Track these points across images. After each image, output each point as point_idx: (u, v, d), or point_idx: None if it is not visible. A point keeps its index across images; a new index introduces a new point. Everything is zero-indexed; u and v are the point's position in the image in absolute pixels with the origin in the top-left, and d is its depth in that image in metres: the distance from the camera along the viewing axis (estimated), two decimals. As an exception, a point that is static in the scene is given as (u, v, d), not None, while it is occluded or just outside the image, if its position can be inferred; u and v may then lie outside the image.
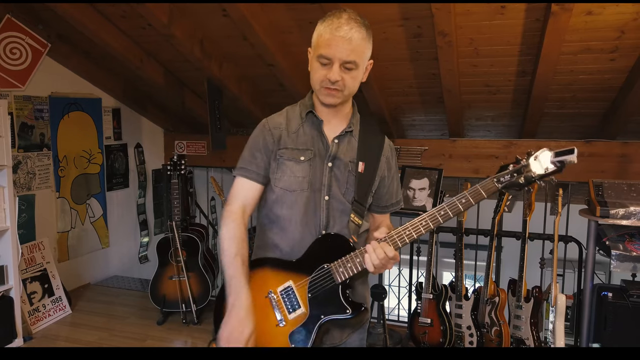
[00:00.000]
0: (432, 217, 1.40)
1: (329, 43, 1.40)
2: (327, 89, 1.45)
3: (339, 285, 1.43)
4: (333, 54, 1.40)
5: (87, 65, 4.17)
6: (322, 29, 1.43)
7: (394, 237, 1.41)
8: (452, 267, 3.29)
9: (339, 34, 1.39)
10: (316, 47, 1.45)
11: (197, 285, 3.78)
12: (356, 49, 1.40)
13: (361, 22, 1.43)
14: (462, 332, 3.12)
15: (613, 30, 2.74)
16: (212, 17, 3.19)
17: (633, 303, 2.85)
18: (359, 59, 1.43)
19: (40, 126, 3.96)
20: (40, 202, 3.98)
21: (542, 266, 3.25)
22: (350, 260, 1.42)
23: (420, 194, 3.31)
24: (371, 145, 1.56)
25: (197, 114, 4.56)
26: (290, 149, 1.50)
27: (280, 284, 1.46)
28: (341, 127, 1.55)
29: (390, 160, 1.61)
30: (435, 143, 4.22)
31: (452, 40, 2.88)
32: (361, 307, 1.44)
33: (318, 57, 1.43)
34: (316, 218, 1.48)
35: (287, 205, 1.49)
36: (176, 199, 3.71)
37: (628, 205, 2.83)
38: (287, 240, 1.50)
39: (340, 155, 1.51)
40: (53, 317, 3.74)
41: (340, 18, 1.41)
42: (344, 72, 1.42)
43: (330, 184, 1.50)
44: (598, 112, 3.55)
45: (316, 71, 1.46)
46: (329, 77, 1.42)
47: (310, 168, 1.49)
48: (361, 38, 1.41)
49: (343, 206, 1.50)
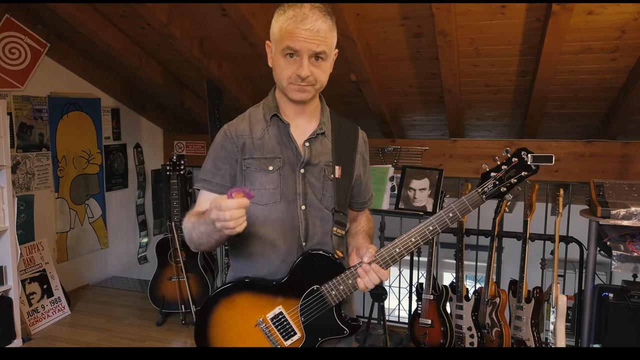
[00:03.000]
0: (421, 234, 1.34)
1: (295, 35, 1.29)
2: (297, 85, 1.33)
3: (333, 307, 1.36)
4: (301, 46, 1.29)
5: (86, 65, 4.16)
6: (285, 21, 1.31)
7: (385, 257, 1.33)
8: (452, 267, 3.28)
9: (305, 25, 1.28)
10: (279, 40, 1.32)
11: (196, 286, 3.77)
12: (325, 39, 1.31)
13: (325, 10, 1.33)
14: (463, 333, 3.11)
15: (614, 30, 2.73)
16: (211, 16, 3.19)
17: (634, 304, 2.84)
18: (328, 49, 1.33)
19: (39, 126, 3.95)
20: (39, 202, 3.97)
21: (543, 267, 3.24)
22: (342, 282, 1.33)
23: (421, 194, 3.30)
24: (346, 145, 1.47)
25: (197, 114, 4.55)
26: (256, 159, 1.38)
27: (269, 310, 1.36)
28: (311, 127, 1.43)
29: (365, 155, 1.54)
30: (435, 143, 4.21)
31: (453, 40, 2.88)
32: (358, 325, 1.39)
33: (283, 51, 1.31)
34: (294, 230, 1.38)
35: (260, 220, 1.38)
36: (175, 199, 3.70)
37: (629, 206, 2.82)
38: (267, 258, 1.39)
39: (314, 159, 1.40)
40: (52, 318, 3.73)
41: (304, 7, 1.30)
42: (314, 66, 1.32)
43: (305, 191, 1.39)
44: (599, 112, 3.55)
45: (283, 67, 1.34)
46: (298, 73, 1.31)
47: (281, 177, 1.38)
48: (328, 28, 1.32)
49: (322, 213, 1.41)
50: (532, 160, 1.32)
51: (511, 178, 1.34)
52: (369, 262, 1.31)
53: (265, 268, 1.39)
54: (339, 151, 1.44)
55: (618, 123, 3.48)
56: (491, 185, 1.34)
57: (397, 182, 3.39)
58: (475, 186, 1.37)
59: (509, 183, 1.34)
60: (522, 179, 1.34)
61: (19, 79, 3.69)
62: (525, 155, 1.33)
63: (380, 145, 4.27)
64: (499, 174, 1.34)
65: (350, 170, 1.45)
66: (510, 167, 1.34)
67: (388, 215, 3.37)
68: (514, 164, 1.34)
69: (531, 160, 1.33)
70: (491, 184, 1.34)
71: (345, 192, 1.44)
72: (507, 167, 1.34)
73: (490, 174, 1.35)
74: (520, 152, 1.34)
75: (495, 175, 1.34)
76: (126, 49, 3.66)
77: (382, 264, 1.32)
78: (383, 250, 1.33)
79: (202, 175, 1.42)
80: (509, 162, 1.34)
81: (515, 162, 1.34)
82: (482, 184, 1.35)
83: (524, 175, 1.34)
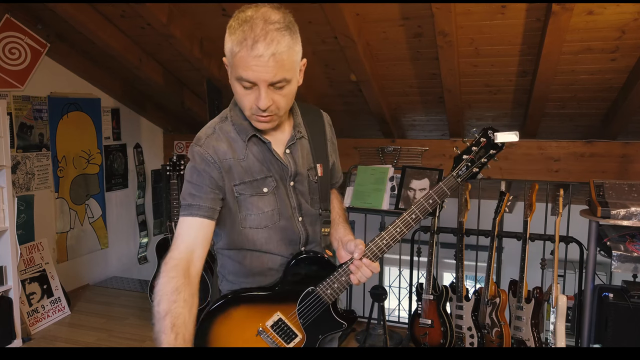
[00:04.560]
0: (405, 222, 1.34)
1: (248, 65, 1.13)
2: (259, 116, 1.22)
3: (330, 305, 1.37)
4: (256, 77, 1.14)
5: (86, 65, 4.16)
6: (235, 45, 1.14)
7: (374, 250, 1.33)
8: (452, 267, 3.28)
9: (257, 51, 1.11)
10: (232, 66, 1.18)
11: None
12: (283, 64, 1.15)
13: (281, 24, 1.14)
14: (463, 333, 3.11)
15: (614, 30, 2.73)
16: (211, 16, 3.19)
17: (634, 304, 2.84)
18: (289, 74, 1.18)
19: (39, 126, 3.95)
20: (39, 202, 3.97)
21: (543, 267, 3.24)
22: (336, 280, 1.34)
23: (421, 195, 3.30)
24: (319, 137, 1.42)
25: (197, 114, 4.55)
26: (248, 183, 1.30)
27: (268, 318, 1.35)
28: (286, 133, 1.35)
29: (333, 139, 1.50)
30: (435, 143, 4.21)
31: (453, 40, 2.88)
32: (354, 317, 1.41)
33: (238, 79, 1.18)
34: (296, 243, 1.37)
35: (259, 242, 1.34)
36: (175, 200, 3.70)
37: (629, 206, 2.82)
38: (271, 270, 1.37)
39: (300, 169, 1.35)
40: (52, 318, 3.73)
41: (254, 29, 1.12)
42: (275, 93, 1.18)
43: (299, 203, 1.37)
44: (599, 112, 3.55)
45: (240, 95, 1.21)
46: (258, 105, 1.18)
47: (276, 197, 1.33)
48: (286, 47, 1.14)
49: (314, 216, 1.41)
50: (499, 138, 1.36)
51: (481, 158, 1.37)
52: (359, 258, 1.32)
53: (267, 279, 1.39)
54: (317, 147, 1.41)
55: (618, 123, 3.48)
56: (465, 168, 1.38)
57: (397, 182, 3.39)
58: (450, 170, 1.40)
59: (480, 163, 1.38)
60: (491, 157, 1.38)
61: (19, 79, 3.69)
62: (492, 134, 1.36)
63: (380, 145, 4.27)
64: (470, 156, 1.37)
65: (327, 164, 1.44)
66: (480, 148, 1.37)
67: (388, 215, 3.37)
68: (483, 144, 1.37)
69: (498, 139, 1.36)
70: (464, 167, 1.38)
71: (327, 187, 1.45)
72: (477, 148, 1.37)
73: (462, 157, 1.38)
74: (487, 131, 1.37)
75: (467, 157, 1.37)
76: (126, 49, 3.66)
77: (372, 257, 1.34)
78: (371, 244, 1.34)
79: (188, 201, 1.27)
80: (477, 143, 1.38)
81: (484, 142, 1.37)
82: (456, 167, 1.38)
83: (492, 154, 1.37)
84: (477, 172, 1.38)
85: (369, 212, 3.53)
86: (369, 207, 3.40)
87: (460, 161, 1.38)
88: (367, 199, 3.42)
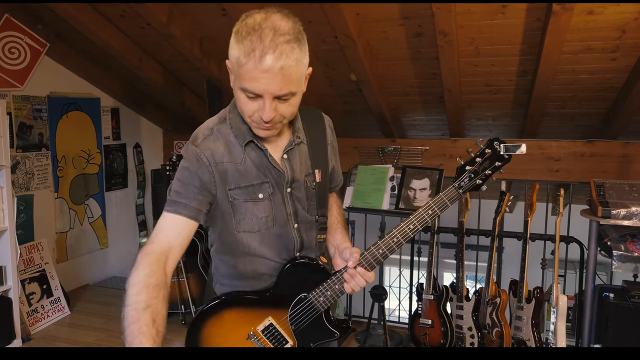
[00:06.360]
0: (402, 233, 1.32)
1: (254, 77, 1.11)
2: (261, 125, 1.20)
3: (322, 313, 1.35)
4: (262, 90, 1.12)
5: (86, 65, 4.15)
6: (242, 55, 1.11)
7: (370, 259, 1.31)
8: (453, 267, 3.28)
9: (265, 64, 1.09)
10: (238, 76, 1.15)
11: (196, 286, 3.76)
12: (291, 78, 1.12)
13: (291, 35, 1.11)
14: (463, 333, 3.10)
15: (614, 30, 2.73)
16: (211, 16, 3.18)
17: (634, 304, 2.84)
18: (295, 87, 1.15)
19: (39, 126, 3.94)
20: (39, 202, 3.96)
21: (544, 267, 3.24)
22: (329, 288, 1.31)
23: (421, 194, 3.30)
24: (319, 142, 1.39)
25: (197, 114, 4.54)
26: (243, 188, 1.28)
27: (259, 323, 1.33)
28: (284, 139, 1.33)
29: (334, 143, 1.47)
30: (435, 143, 4.20)
31: (453, 39, 2.87)
32: (348, 327, 1.38)
33: (242, 89, 1.15)
34: (290, 249, 1.36)
35: (253, 246, 1.32)
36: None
37: (629, 206, 2.82)
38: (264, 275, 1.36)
39: (297, 175, 1.33)
40: (52, 318, 3.73)
41: (264, 40, 1.08)
42: (279, 103, 1.16)
43: (295, 210, 1.35)
44: (599, 112, 3.54)
45: (243, 103, 1.18)
46: (261, 116, 1.16)
47: (271, 203, 1.31)
48: (295, 61, 1.12)
49: (310, 222, 1.38)
50: (505, 150, 1.32)
51: (486, 169, 1.34)
52: (354, 266, 1.30)
53: (261, 284, 1.37)
54: (316, 152, 1.38)
55: (618, 123, 3.48)
56: (467, 179, 1.34)
57: (397, 182, 3.39)
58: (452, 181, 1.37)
59: (484, 175, 1.34)
60: (497, 169, 1.34)
61: (18, 79, 3.69)
62: (498, 145, 1.33)
63: (381, 145, 4.26)
64: (474, 167, 1.33)
65: (326, 168, 1.41)
66: (484, 159, 1.34)
67: (388, 215, 3.37)
68: (488, 155, 1.33)
69: (504, 150, 1.32)
70: (467, 178, 1.34)
71: (325, 193, 1.43)
72: (481, 159, 1.33)
73: (465, 168, 1.34)
74: (492, 142, 1.33)
75: (470, 168, 1.34)
76: (126, 49, 3.66)
77: (367, 266, 1.31)
78: (367, 253, 1.32)
79: (174, 197, 1.25)
80: (482, 154, 1.34)
81: (488, 153, 1.33)
82: (458, 179, 1.34)
83: (497, 166, 1.33)
84: (481, 184, 1.34)
85: (369, 212, 3.53)
86: (369, 207, 3.40)
87: (463, 172, 1.34)
88: (367, 198, 3.42)
